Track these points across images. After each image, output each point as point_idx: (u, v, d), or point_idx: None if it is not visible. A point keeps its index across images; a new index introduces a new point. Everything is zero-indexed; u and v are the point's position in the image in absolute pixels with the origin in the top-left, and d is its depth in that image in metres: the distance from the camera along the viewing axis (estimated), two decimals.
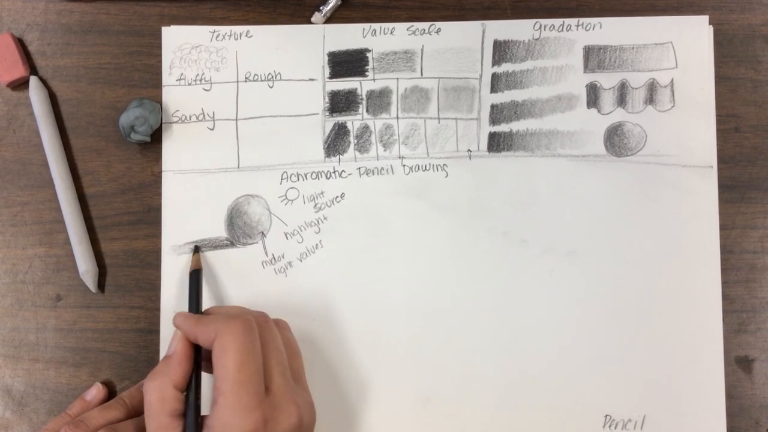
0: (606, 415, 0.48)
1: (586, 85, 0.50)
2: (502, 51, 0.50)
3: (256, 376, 0.38)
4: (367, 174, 0.50)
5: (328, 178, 0.50)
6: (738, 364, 0.49)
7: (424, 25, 0.50)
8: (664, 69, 0.50)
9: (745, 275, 0.49)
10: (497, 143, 0.50)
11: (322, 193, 0.50)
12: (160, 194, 0.49)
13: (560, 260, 0.49)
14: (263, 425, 0.37)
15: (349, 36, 0.50)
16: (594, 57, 0.50)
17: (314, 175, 0.50)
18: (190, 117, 0.50)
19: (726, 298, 0.49)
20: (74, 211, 0.49)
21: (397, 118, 0.50)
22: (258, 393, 0.38)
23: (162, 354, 0.48)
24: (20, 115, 0.50)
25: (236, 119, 0.50)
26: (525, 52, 0.50)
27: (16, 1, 0.51)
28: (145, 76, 0.50)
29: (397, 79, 0.50)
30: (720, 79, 0.50)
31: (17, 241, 0.49)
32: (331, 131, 0.50)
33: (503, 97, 0.50)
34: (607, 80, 0.50)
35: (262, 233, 0.49)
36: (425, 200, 0.49)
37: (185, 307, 0.48)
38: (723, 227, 0.49)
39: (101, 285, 0.49)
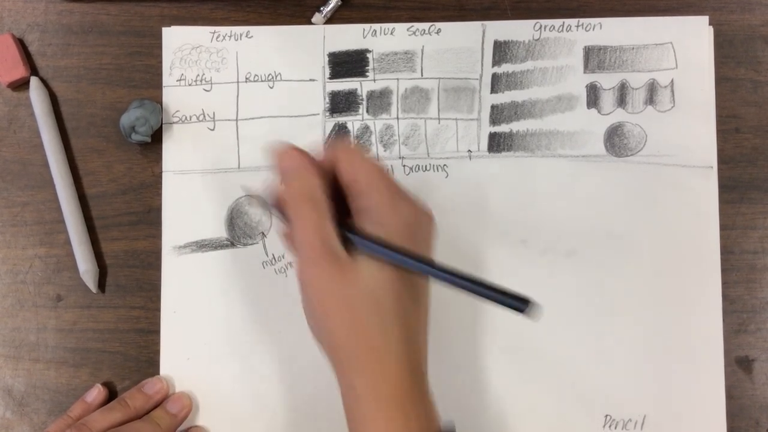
0: (606, 415, 0.48)
1: (586, 86, 0.50)
2: (502, 51, 0.50)
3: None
4: None
5: None
6: (738, 365, 0.49)
7: (424, 25, 0.50)
8: (664, 69, 0.50)
9: (745, 275, 0.49)
10: (497, 143, 0.50)
11: None
12: (160, 194, 0.49)
13: (560, 260, 0.49)
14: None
15: (350, 36, 0.50)
16: (594, 57, 0.50)
17: None
18: (191, 117, 0.50)
19: (726, 298, 0.49)
20: (75, 211, 0.49)
21: (398, 118, 0.50)
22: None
23: (162, 354, 0.48)
24: (21, 116, 0.50)
25: (236, 120, 0.50)
26: (525, 53, 0.50)
27: (17, 1, 0.51)
28: (145, 77, 0.50)
29: (398, 79, 0.50)
30: (720, 80, 0.50)
31: (18, 242, 0.50)
32: (331, 132, 0.50)
33: (503, 97, 0.50)
34: (607, 80, 0.50)
35: (263, 233, 0.49)
36: (425, 200, 0.49)
37: (185, 307, 0.49)
38: (723, 228, 0.49)
39: (102, 285, 0.49)
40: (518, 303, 0.34)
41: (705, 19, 0.50)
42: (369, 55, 0.50)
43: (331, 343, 0.38)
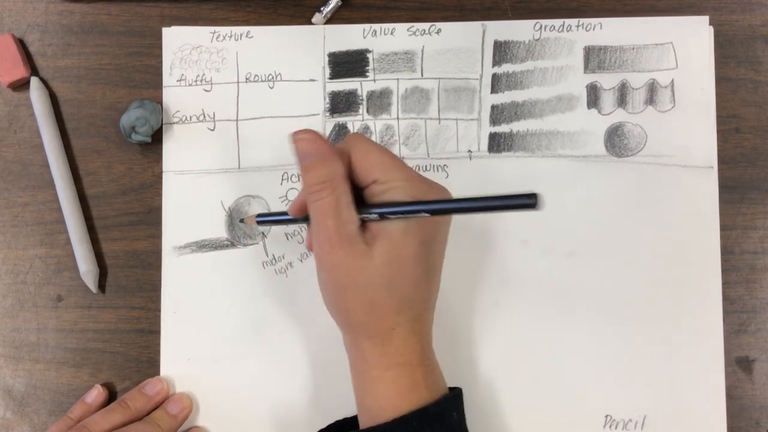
0: (606, 415, 0.48)
1: (587, 86, 0.50)
2: (502, 51, 0.50)
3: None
4: None
5: None
6: (738, 365, 0.49)
7: (424, 25, 0.50)
8: (664, 69, 0.50)
9: (745, 276, 0.49)
10: (498, 144, 0.50)
11: None
12: (160, 195, 0.49)
13: (560, 261, 0.49)
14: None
15: (350, 37, 0.50)
16: (594, 57, 0.50)
17: None
18: (191, 118, 0.50)
19: (726, 298, 0.49)
20: (75, 211, 0.49)
21: (398, 118, 0.50)
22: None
23: (163, 355, 0.48)
24: (21, 116, 0.50)
25: (237, 120, 0.50)
26: (525, 53, 0.50)
27: (17, 1, 0.51)
28: (145, 77, 0.50)
29: (398, 79, 0.50)
30: (720, 80, 0.50)
31: (18, 242, 0.50)
32: (331, 132, 0.50)
33: (503, 97, 0.50)
34: (608, 81, 0.50)
35: (263, 234, 0.49)
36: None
37: (185, 307, 0.49)
38: (723, 228, 0.49)
39: (102, 285, 0.49)
40: (527, 201, 0.34)
41: (705, 19, 0.50)
42: (369, 56, 0.50)
43: (346, 319, 0.40)
